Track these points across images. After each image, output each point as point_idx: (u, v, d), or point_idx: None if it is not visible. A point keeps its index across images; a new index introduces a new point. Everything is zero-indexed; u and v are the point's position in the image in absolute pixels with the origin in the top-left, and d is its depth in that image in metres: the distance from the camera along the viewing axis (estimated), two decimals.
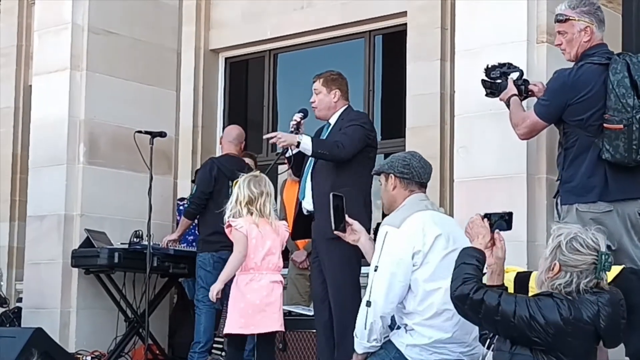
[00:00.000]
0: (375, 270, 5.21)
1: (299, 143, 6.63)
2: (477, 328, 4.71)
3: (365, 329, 5.21)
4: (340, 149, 6.63)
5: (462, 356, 5.15)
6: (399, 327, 5.30)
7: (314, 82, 7.04)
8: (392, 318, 5.32)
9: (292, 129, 6.97)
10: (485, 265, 4.51)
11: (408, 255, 5.16)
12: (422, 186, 5.53)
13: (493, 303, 4.20)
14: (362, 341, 5.25)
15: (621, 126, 5.42)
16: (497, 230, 4.60)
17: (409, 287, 5.20)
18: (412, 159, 5.52)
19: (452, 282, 4.41)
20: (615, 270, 5.12)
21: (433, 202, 5.60)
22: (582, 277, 4.19)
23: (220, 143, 8.70)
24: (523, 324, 4.13)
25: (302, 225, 7.02)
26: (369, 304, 5.17)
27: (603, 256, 4.21)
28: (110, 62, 8.68)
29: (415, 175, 5.46)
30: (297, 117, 7.01)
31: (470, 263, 4.43)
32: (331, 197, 5.71)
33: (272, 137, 6.84)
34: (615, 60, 5.54)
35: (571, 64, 5.75)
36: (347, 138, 6.70)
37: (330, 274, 6.68)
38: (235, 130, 8.79)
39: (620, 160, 5.45)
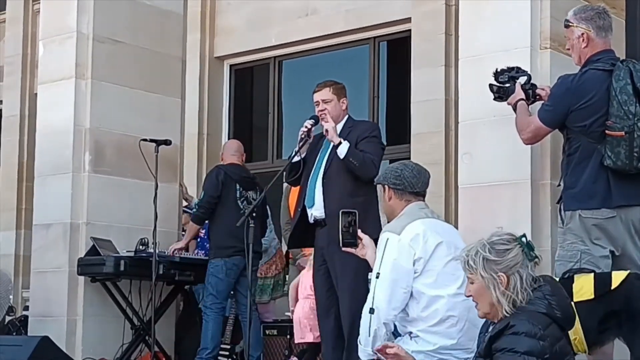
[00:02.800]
0: (377, 277, 5.23)
1: (340, 142, 6.64)
2: None
3: (369, 336, 5.22)
4: (373, 168, 6.59)
5: None
6: (402, 335, 5.31)
7: (318, 90, 7.00)
8: (395, 326, 5.33)
9: (303, 135, 6.95)
10: None
11: (409, 262, 5.18)
12: (418, 195, 5.54)
13: None
14: (367, 348, 5.27)
15: (622, 133, 5.41)
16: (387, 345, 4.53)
17: (412, 294, 5.21)
18: (404, 170, 5.54)
19: None
20: (621, 276, 5.13)
21: (433, 211, 5.60)
22: (524, 269, 4.15)
23: (222, 159, 8.72)
24: None
25: (301, 232, 7.00)
26: (372, 310, 5.19)
27: (521, 239, 4.18)
28: (115, 71, 8.68)
29: (408, 186, 5.48)
30: (308, 123, 6.97)
31: None
32: (340, 215, 5.68)
33: (326, 126, 6.76)
34: (618, 67, 5.52)
35: (577, 69, 5.76)
36: (377, 158, 6.71)
37: (342, 282, 6.66)
38: (234, 143, 8.93)
39: (621, 167, 5.44)
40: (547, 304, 4.10)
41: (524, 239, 4.16)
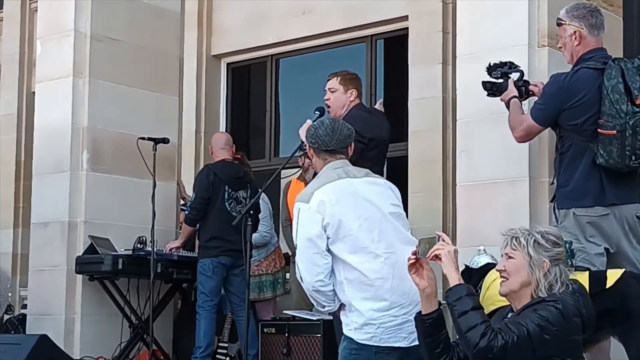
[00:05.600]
0: (296, 249, 5.26)
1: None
2: (413, 286, 4.56)
3: (314, 302, 5.33)
4: None
5: (408, 316, 5.02)
6: (347, 310, 5.25)
7: (328, 79, 7.02)
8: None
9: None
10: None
11: (319, 227, 5.09)
12: (335, 153, 5.35)
13: (514, 339, 4.07)
14: (320, 309, 5.38)
15: (614, 132, 5.42)
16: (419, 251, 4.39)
17: (334, 259, 5.16)
18: (319, 128, 5.38)
19: (465, 337, 4.13)
20: (616, 274, 5.14)
21: (350, 169, 5.32)
22: (565, 266, 4.24)
23: (212, 153, 8.73)
24: (537, 334, 4.08)
25: None
26: (301, 280, 5.25)
27: (567, 244, 4.28)
28: (113, 69, 8.67)
29: (322, 144, 5.33)
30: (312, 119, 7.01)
31: (467, 310, 4.17)
32: None
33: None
34: (610, 65, 5.53)
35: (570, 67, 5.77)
36: None
37: None
38: (223, 136, 8.99)
39: (613, 165, 5.46)
40: (577, 300, 4.17)
41: (567, 245, 4.25)
